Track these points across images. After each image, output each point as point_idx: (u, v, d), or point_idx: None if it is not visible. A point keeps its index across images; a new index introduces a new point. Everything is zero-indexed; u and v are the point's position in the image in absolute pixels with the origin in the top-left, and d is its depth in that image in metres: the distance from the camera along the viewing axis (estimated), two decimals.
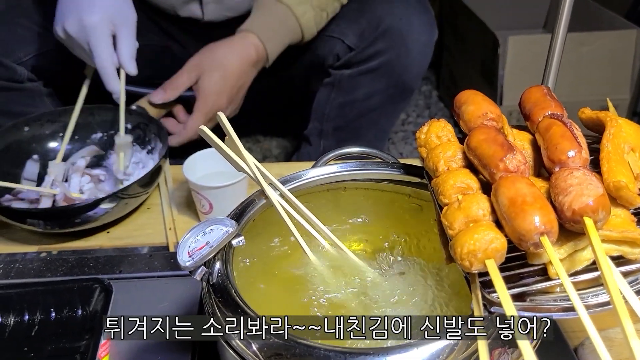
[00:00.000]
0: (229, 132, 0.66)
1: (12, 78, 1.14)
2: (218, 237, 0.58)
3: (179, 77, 1.14)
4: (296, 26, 1.19)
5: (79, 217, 0.94)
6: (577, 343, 0.75)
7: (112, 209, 0.95)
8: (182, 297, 0.81)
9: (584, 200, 0.47)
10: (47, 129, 1.10)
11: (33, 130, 1.09)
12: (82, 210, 0.93)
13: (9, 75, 1.14)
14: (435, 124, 0.63)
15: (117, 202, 0.95)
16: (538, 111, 0.59)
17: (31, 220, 0.93)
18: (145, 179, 0.98)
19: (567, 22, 0.80)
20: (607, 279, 0.44)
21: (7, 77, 1.14)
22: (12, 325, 0.75)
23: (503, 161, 0.52)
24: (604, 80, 1.90)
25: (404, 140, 2.11)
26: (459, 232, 0.51)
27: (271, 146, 2.00)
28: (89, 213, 0.93)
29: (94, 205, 0.92)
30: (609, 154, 0.54)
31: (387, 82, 1.32)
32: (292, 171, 0.71)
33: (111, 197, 0.93)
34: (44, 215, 0.94)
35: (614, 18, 1.93)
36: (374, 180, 0.72)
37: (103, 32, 0.99)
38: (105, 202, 0.93)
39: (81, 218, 0.94)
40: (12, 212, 0.94)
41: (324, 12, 1.21)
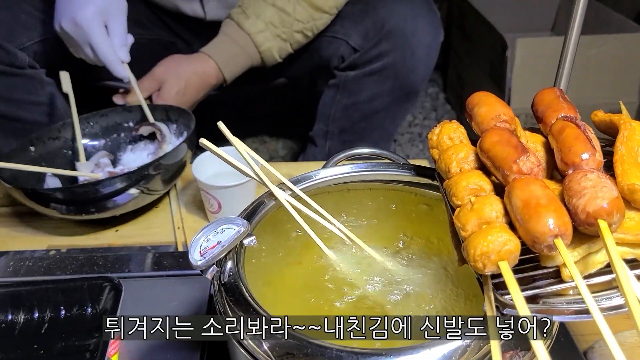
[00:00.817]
0: (231, 140, 0.66)
1: (13, 63, 1.14)
2: (230, 236, 0.58)
3: (143, 82, 1.17)
4: (256, 53, 1.23)
5: (105, 200, 0.93)
6: (586, 347, 0.74)
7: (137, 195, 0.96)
8: (190, 297, 0.81)
9: (598, 202, 0.47)
10: (52, 146, 1.10)
11: (39, 149, 1.08)
12: (111, 191, 0.92)
13: (10, 60, 1.13)
14: (448, 125, 0.63)
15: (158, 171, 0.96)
16: (551, 113, 0.59)
17: (58, 201, 0.93)
18: (180, 150, 0.98)
19: (580, 25, 0.79)
20: (621, 281, 0.44)
21: (8, 62, 1.13)
22: (22, 323, 0.76)
23: (517, 163, 0.52)
24: (613, 84, 1.89)
25: (410, 142, 2.11)
26: (471, 233, 0.51)
27: (277, 147, 2.00)
28: (115, 199, 0.94)
29: (125, 184, 0.93)
30: (623, 157, 0.53)
31: (392, 84, 1.32)
32: (301, 171, 0.71)
33: (154, 164, 0.94)
34: (69, 194, 0.94)
35: (623, 21, 1.93)
36: (384, 181, 0.72)
37: (98, 25, 1.02)
38: (151, 168, 0.94)
39: (106, 202, 0.94)
40: (39, 195, 0.94)
41: (286, 42, 1.24)
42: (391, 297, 0.63)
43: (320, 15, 1.23)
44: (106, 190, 0.92)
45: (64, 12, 1.03)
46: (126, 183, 0.93)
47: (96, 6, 1.02)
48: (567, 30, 0.81)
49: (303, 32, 1.24)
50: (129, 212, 1.01)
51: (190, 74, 1.19)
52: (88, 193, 0.93)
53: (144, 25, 1.30)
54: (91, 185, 0.95)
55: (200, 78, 1.21)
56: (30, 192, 0.93)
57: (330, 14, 1.25)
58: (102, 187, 0.92)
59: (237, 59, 1.23)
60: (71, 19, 1.02)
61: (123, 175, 0.93)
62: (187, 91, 1.19)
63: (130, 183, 0.93)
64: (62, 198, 0.94)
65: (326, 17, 1.25)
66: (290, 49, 1.25)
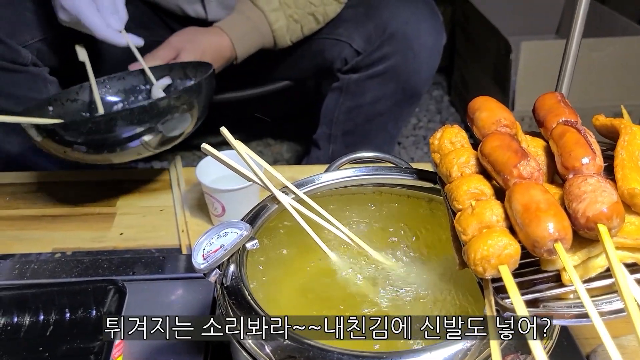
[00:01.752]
0: (234, 145, 0.67)
1: (16, 60, 1.14)
2: (232, 240, 0.59)
3: (159, 50, 1.16)
4: (268, 32, 1.23)
5: (120, 134, 0.90)
6: (589, 350, 0.74)
7: (151, 133, 0.93)
8: (194, 300, 0.82)
9: (598, 207, 0.47)
10: (70, 108, 1.10)
11: (57, 110, 1.08)
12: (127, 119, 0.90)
13: (13, 56, 1.13)
14: (449, 129, 0.64)
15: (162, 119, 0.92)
16: (552, 118, 0.59)
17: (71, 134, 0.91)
18: (184, 94, 0.95)
19: (581, 28, 0.80)
20: (621, 286, 0.44)
21: (11, 59, 1.13)
22: (27, 325, 0.76)
23: (517, 167, 0.52)
24: (616, 87, 1.89)
25: (414, 145, 2.11)
26: (472, 237, 0.51)
27: (282, 150, 2.01)
28: (125, 133, 0.90)
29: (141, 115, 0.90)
30: (623, 161, 0.54)
31: (395, 87, 1.33)
32: (304, 174, 0.72)
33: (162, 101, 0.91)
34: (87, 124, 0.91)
35: (627, 24, 1.92)
36: (387, 185, 0.72)
37: (85, 5, 1.01)
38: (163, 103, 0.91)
39: (120, 134, 0.91)
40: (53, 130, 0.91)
41: (297, 23, 1.25)
42: (393, 299, 0.63)
43: (330, 0, 1.25)
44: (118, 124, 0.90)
45: (55, 3, 1.03)
46: (138, 117, 0.90)
47: None
48: (569, 33, 0.81)
49: (314, 15, 1.25)
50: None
51: (206, 44, 1.19)
52: (99, 124, 0.90)
53: (148, 27, 1.31)
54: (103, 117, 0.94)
55: (216, 49, 1.20)
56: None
57: (339, 2, 1.26)
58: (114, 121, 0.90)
59: (250, 36, 1.23)
60: (61, 8, 1.02)
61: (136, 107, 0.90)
62: (204, 60, 1.17)
63: (144, 116, 0.90)
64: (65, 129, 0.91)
65: (335, 5, 1.26)
66: (301, 33, 1.26)
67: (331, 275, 0.66)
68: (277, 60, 1.39)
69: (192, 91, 0.96)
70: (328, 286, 0.66)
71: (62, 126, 0.92)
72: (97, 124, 0.91)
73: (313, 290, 0.66)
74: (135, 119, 0.90)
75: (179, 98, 0.93)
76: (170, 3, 1.29)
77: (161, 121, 0.92)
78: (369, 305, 0.64)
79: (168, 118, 0.93)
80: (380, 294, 0.64)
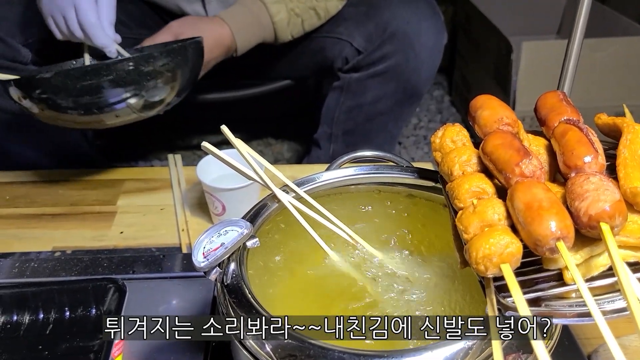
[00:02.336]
0: (235, 144, 0.66)
1: (16, 59, 1.13)
2: (233, 238, 0.58)
3: (159, 35, 1.15)
4: (269, 24, 1.22)
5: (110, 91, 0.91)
6: (590, 350, 0.74)
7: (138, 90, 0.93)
8: (194, 298, 0.81)
9: (600, 205, 0.47)
10: None
11: None
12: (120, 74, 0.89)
13: (13, 55, 1.13)
14: (450, 128, 0.63)
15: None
16: (554, 116, 0.59)
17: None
18: (170, 53, 0.95)
19: (583, 28, 0.79)
20: (623, 285, 0.44)
21: (11, 58, 1.13)
22: (27, 324, 0.76)
23: (519, 166, 0.52)
24: (618, 87, 1.89)
25: (415, 144, 2.10)
26: (474, 236, 0.51)
27: (283, 149, 2.00)
28: (113, 87, 0.90)
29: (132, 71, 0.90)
30: (626, 160, 0.53)
31: (396, 86, 1.32)
32: (305, 174, 0.72)
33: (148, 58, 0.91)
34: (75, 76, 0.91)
35: (629, 24, 1.92)
36: (388, 184, 0.72)
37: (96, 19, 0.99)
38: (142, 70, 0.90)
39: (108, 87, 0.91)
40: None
41: (298, 17, 1.24)
42: (394, 297, 0.63)
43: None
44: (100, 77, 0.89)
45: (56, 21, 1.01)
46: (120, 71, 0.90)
47: None
48: (571, 33, 0.81)
49: (315, 9, 1.24)
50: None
51: (206, 31, 1.17)
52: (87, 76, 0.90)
53: (149, 26, 1.30)
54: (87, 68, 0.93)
55: (216, 38, 1.19)
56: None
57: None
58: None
59: (250, 27, 1.22)
60: (57, 28, 1.00)
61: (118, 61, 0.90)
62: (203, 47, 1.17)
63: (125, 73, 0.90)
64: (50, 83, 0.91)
65: (336, 0, 1.26)
66: (302, 28, 1.25)
67: (331, 273, 0.66)
68: (278, 58, 1.39)
69: (175, 52, 0.96)
70: (328, 284, 0.66)
71: (54, 79, 0.91)
72: (83, 75, 0.90)
73: (313, 288, 0.66)
74: (118, 74, 0.90)
75: (161, 56, 0.93)
76: (169, 3, 1.29)
77: (144, 80, 0.92)
78: (370, 303, 0.63)
79: (152, 77, 0.93)
80: (381, 292, 0.64)
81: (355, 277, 0.66)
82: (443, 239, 0.70)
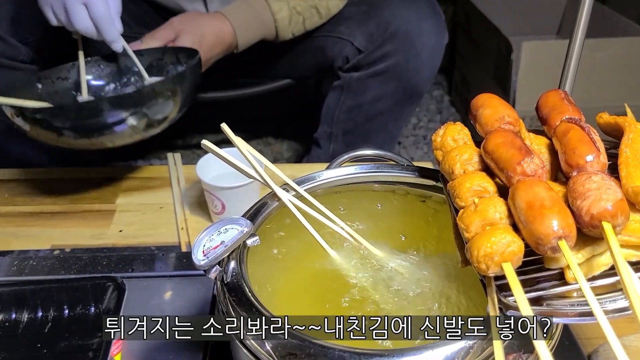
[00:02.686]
0: (234, 142, 0.66)
1: (16, 57, 1.13)
2: (233, 236, 0.58)
3: (159, 31, 1.14)
4: (271, 21, 1.22)
5: (104, 116, 0.90)
6: (590, 350, 0.74)
7: (137, 117, 0.92)
8: (194, 297, 0.81)
9: (602, 204, 0.47)
10: (59, 86, 1.08)
11: (46, 87, 1.06)
12: (115, 106, 0.89)
13: (13, 53, 1.12)
14: (452, 127, 0.63)
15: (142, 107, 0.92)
16: (555, 115, 0.59)
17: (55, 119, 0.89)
18: (168, 81, 0.95)
19: (584, 28, 0.79)
20: (626, 284, 0.44)
21: (11, 56, 1.12)
22: (25, 322, 0.76)
23: (521, 165, 0.52)
24: (618, 87, 1.89)
25: (414, 144, 2.10)
26: (475, 235, 0.51)
27: (282, 149, 2.00)
28: (111, 118, 0.90)
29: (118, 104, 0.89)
30: (628, 159, 0.53)
31: (396, 86, 1.32)
32: (305, 173, 0.71)
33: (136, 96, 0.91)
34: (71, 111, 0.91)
35: (629, 25, 1.92)
36: (388, 182, 0.72)
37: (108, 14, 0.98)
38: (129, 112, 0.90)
39: (106, 119, 0.90)
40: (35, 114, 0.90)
41: (300, 16, 1.24)
42: (394, 296, 0.63)
43: None
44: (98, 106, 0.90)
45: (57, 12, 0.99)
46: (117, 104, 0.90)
47: None
48: (571, 33, 0.81)
49: (317, 8, 1.24)
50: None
51: (207, 28, 1.17)
52: (82, 110, 0.90)
53: (149, 25, 1.30)
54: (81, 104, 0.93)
55: (217, 34, 1.18)
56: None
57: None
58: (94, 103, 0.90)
59: (252, 24, 1.21)
60: (68, 19, 0.98)
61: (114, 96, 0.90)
62: (203, 44, 1.16)
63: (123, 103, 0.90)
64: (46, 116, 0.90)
65: (337, 0, 1.26)
66: (303, 27, 1.25)
67: (331, 272, 0.66)
68: (278, 57, 1.38)
69: (176, 79, 0.96)
70: (328, 283, 0.66)
71: (46, 111, 0.90)
72: (81, 111, 0.90)
73: (314, 287, 0.66)
74: (119, 104, 0.90)
75: (163, 84, 0.93)
76: (170, 1, 1.29)
77: (145, 106, 0.92)
78: (370, 302, 0.63)
79: (152, 103, 0.93)
80: (381, 291, 0.64)
81: (356, 276, 0.66)
82: (444, 238, 0.69)
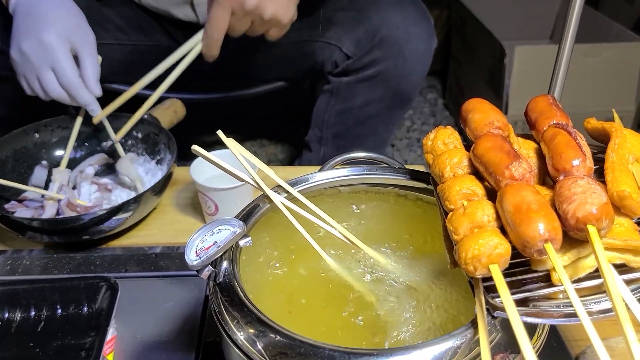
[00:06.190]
0: (228, 144, 0.67)
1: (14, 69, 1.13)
2: (226, 237, 0.59)
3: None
4: None
5: (89, 229, 0.91)
6: (578, 351, 0.75)
7: (127, 218, 0.93)
8: (186, 297, 0.82)
9: (587, 208, 0.48)
10: (57, 135, 1.09)
11: (43, 136, 1.08)
12: (95, 222, 0.89)
13: (11, 65, 1.12)
14: (442, 131, 0.64)
15: (131, 211, 0.92)
16: (543, 120, 0.60)
17: (32, 232, 0.91)
18: (158, 187, 0.96)
19: (574, 33, 0.81)
20: (609, 286, 0.45)
21: (10, 67, 1.11)
22: (18, 321, 0.76)
23: (509, 169, 0.53)
24: (610, 92, 1.91)
25: (408, 147, 2.12)
26: (463, 237, 0.52)
27: (276, 151, 2.01)
28: (101, 226, 0.91)
29: (109, 216, 0.89)
30: (614, 164, 0.54)
31: (385, 91, 1.32)
32: (298, 175, 0.72)
33: (124, 206, 0.91)
34: (47, 225, 0.92)
35: (621, 30, 1.94)
36: (380, 185, 0.73)
37: (63, 47, 0.96)
38: (120, 212, 0.90)
39: (92, 230, 0.91)
40: (11, 222, 0.91)
41: None
42: (385, 296, 0.64)
43: None
44: (80, 222, 0.89)
45: (27, 33, 0.97)
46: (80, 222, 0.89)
47: (63, 29, 0.96)
48: (561, 38, 0.82)
49: None
50: None
51: None
52: (58, 225, 0.91)
53: (145, 31, 1.30)
54: (56, 220, 0.93)
55: None
56: None
57: None
58: (73, 219, 0.90)
59: None
60: (37, 39, 0.96)
61: (87, 215, 0.89)
62: None
63: (106, 215, 0.89)
64: (30, 231, 0.91)
65: None
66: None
67: (323, 272, 0.67)
68: (270, 60, 1.38)
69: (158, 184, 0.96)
70: (320, 283, 0.66)
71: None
72: (62, 224, 0.91)
73: (306, 287, 0.66)
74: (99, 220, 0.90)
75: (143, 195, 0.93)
76: (159, 8, 1.28)
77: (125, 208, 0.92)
78: (362, 303, 0.64)
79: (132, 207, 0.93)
80: (372, 290, 0.65)
81: (348, 277, 0.67)
82: (433, 240, 0.70)
